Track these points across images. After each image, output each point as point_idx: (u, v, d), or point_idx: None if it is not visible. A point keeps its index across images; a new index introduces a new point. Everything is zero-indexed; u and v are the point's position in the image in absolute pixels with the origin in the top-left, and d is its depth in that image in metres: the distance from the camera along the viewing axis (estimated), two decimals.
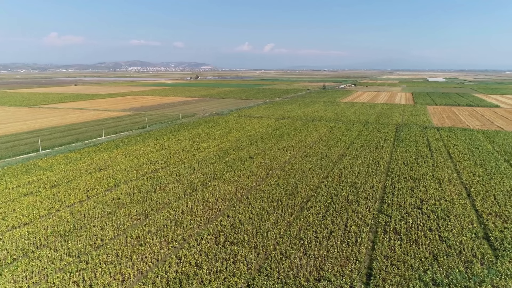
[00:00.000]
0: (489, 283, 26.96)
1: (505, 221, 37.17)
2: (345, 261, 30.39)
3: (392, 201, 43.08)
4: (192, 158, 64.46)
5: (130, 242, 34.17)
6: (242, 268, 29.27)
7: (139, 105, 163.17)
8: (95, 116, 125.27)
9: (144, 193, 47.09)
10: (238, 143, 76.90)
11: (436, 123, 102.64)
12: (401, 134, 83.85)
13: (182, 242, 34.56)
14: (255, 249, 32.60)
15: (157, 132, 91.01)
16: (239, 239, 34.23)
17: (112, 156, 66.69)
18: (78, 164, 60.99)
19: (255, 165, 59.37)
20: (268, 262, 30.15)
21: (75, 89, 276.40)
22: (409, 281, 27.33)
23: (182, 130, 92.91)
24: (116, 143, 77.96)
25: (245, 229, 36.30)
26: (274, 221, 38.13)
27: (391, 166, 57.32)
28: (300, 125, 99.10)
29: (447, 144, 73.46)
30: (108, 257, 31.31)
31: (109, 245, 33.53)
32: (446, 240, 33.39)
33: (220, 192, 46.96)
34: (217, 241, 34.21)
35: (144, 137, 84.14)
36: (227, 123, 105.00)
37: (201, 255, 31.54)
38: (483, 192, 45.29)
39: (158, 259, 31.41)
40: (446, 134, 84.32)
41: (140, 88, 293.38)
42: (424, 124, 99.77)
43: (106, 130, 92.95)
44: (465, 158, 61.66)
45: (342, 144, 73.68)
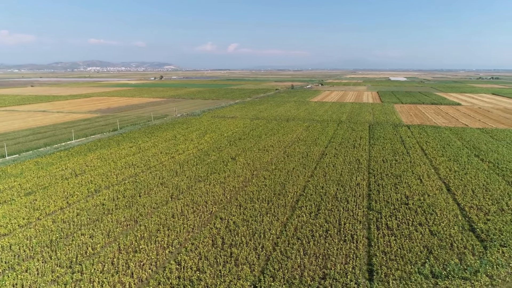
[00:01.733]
0: (483, 273, 28.38)
1: (486, 213, 39.26)
2: (345, 258, 30.93)
3: (379, 198, 44.30)
4: (173, 161, 63.17)
5: (123, 249, 32.97)
6: (246, 270, 29.03)
7: (106, 106, 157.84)
8: (60, 118, 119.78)
9: (128, 198, 45.59)
10: (217, 144, 76.23)
11: (406, 121, 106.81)
12: (375, 132, 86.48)
13: (179, 246, 33.78)
14: (255, 250, 32.44)
15: (130, 135, 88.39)
16: (237, 241, 33.92)
17: (87, 160, 64.03)
18: (52, 170, 58.06)
19: (238, 166, 59.07)
20: (270, 263, 30.08)
21: (33, 90, 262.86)
22: (410, 274, 28.24)
23: (156, 132, 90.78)
24: (89, 147, 74.95)
25: (241, 231, 36.02)
26: (269, 221, 38.12)
27: (372, 164, 58.96)
28: (275, 125, 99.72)
29: (420, 141, 76.61)
30: (104, 266, 30.03)
31: (101, 253, 32.17)
32: (436, 234, 34.79)
33: (208, 195, 46.33)
34: (214, 244, 33.72)
35: (118, 140, 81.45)
36: (202, 124, 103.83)
37: (201, 259, 30.98)
38: (462, 186, 47.63)
39: (157, 266, 30.52)
40: (417, 131, 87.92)
41: (103, 89, 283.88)
42: (395, 122, 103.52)
43: (75, 133, 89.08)
44: (438, 154, 64.55)
45: (321, 143, 74.91)
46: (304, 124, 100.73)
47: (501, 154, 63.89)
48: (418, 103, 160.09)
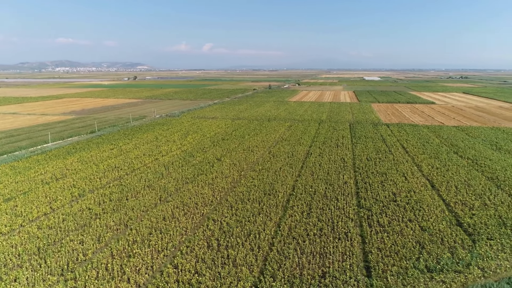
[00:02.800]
0: (475, 265, 29.44)
1: (471, 208, 40.71)
2: (342, 256, 31.31)
3: (367, 195, 45.11)
4: (157, 163, 62.09)
5: (117, 254, 32.11)
6: (245, 272, 28.89)
7: (80, 108, 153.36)
8: (33, 121, 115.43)
9: (115, 202, 44.46)
10: (200, 145, 75.54)
11: (384, 119, 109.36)
12: (356, 131, 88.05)
13: (174, 250, 33.24)
14: (252, 251, 32.33)
15: (110, 137, 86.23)
16: (232, 243, 33.71)
17: (66, 163, 61.99)
18: (30, 174, 55.87)
19: (225, 167, 58.73)
20: (269, 263, 30.07)
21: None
22: (406, 270, 28.92)
23: (137, 134, 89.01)
24: (67, 150, 72.60)
25: (235, 232, 35.82)
26: (262, 222, 38.08)
27: (356, 162, 59.97)
28: (257, 125, 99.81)
29: (400, 139, 78.62)
30: (98, 273, 29.15)
31: (94, 259, 31.20)
32: (427, 229, 35.77)
33: (198, 196, 45.82)
34: (210, 246, 33.37)
35: (97, 142, 79.32)
36: (183, 125, 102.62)
37: (198, 262, 30.61)
38: (445, 183, 49.19)
39: (154, 270, 29.91)
40: (396, 130, 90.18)
41: (75, 90, 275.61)
42: (374, 121, 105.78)
43: (51, 135, 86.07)
44: (419, 152, 66.43)
45: (304, 143, 75.56)
46: (286, 124, 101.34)
47: (478, 151, 66.44)
48: (395, 102, 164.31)
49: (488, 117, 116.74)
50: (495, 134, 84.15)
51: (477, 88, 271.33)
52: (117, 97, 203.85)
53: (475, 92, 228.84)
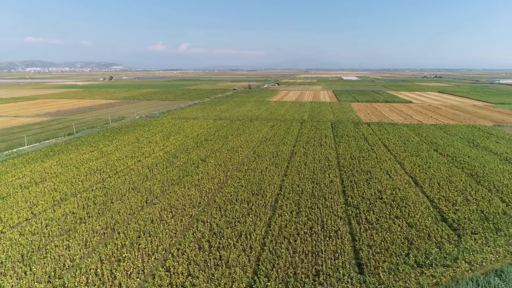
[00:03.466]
0: (462, 259, 30.32)
1: (454, 204, 41.91)
2: (334, 254, 31.62)
3: (354, 193, 45.74)
4: (140, 164, 61.03)
5: (106, 259, 31.34)
6: (239, 272, 28.76)
7: (55, 109, 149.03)
8: (6, 123, 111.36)
9: (100, 205, 43.41)
10: (184, 146, 74.75)
11: (365, 118, 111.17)
12: (338, 130, 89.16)
13: (164, 253, 32.73)
14: (244, 252, 32.22)
15: (89, 138, 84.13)
16: (224, 244, 33.49)
17: (45, 167, 60.08)
18: (7, 178, 53.87)
19: (210, 167, 58.30)
20: (262, 264, 30.04)
21: None
22: (397, 265, 29.50)
23: (117, 135, 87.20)
24: (45, 152, 70.37)
25: (226, 233, 35.60)
26: (252, 222, 38.00)
27: (341, 161, 60.72)
28: (240, 125, 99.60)
29: (382, 138, 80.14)
30: (88, 278, 28.40)
31: (82, 265, 30.34)
32: (414, 226, 36.59)
33: (185, 198, 45.29)
34: (201, 248, 33.05)
35: (76, 144, 77.25)
36: (164, 125, 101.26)
37: (191, 264, 30.25)
38: (428, 180, 50.45)
39: (145, 274, 29.36)
40: (377, 128, 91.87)
41: (48, 90, 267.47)
42: (355, 120, 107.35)
43: (27, 138, 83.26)
44: (401, 150, 67.90)
45: (288, 142, 75.93)
46: (268, 124, 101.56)
47: (456, 148, 68.51)
48: (373, 102, 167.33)
49: (463, 115, 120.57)
50: (471, 131, 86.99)
51: (451, 87, 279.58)
52: (94, 98, 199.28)
53: (449, 91, 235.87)
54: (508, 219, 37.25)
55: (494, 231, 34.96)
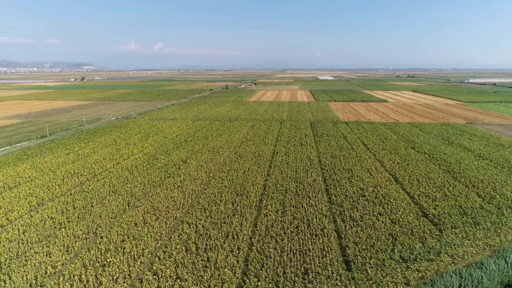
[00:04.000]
0: (445, 253, 31.25)
1: (434, 200, 43.12)
2: (321, 252, 31.91)
3: (337, 192, 46.31)
4: (119, 167, 59.66)
5: (89, 264, 30.45)
6: (228, 273, 28.57)
7: (26, 111, 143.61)
8: None
9: (80, 209, 42.14)
10: (163, 147, 73.63)
11: (343, 118, 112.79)
12: (318, 130, 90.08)
13: (150, 256, 32.11)
14: (232, 253, 32.04)
15: (64, 141, 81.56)
16: (211, 245, 33.20)
17: (18, 171, 57.81)
18: None
19: (192, 169, 57.67)
20: (251, 264, 29.95)
21: None
22: (383, 261, 30.07)
23: (93, 137, 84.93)
24: (18, 156, 67.70)
25: (212, 234, 35.30)
26: (238, 222, 37.85)
27: (322, 160, 61.35)
28: (219, 126, 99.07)
29: (360, 136, 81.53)
30: (72, 285, 27.51)
31: (65, 271, 29.38)
32: (397, 222, 37.40)
33: (168, 200, 44.61)
34: (188, 250, 32.62)
35: (50, 147, 74.72)
36: (141, 127, 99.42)
37: (179, 267, 29.80)
38: (407, 177, 51.69)
39: (132, 278, 28.71)
40: (355, 127, 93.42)
41: (17, 92, 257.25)
42: (333, 119, 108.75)
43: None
44: (380, 148, 69.31)
45: (269, 142, 76.10)
46: (248, 124, 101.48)
47: (432, 146, 70.57)
48: (350, 101, 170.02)
49: (437, 113, 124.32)
50: (445, 129, 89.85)
51: (424, 87, 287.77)
52: (66, 99, 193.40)
53: (422, 90, 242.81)
54: (485, 213, 38.65)
55: (473, 225, 36.21)
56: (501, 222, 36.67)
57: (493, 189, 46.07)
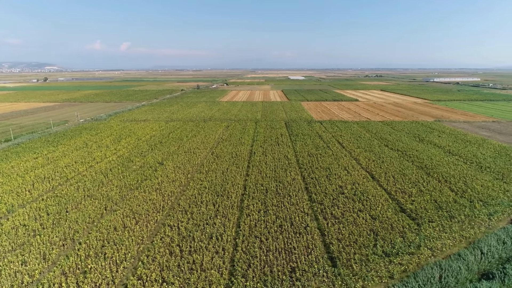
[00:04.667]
0: (424, 246, 32.34)
1: (410, 195, 44.53)
2: (306, 249, 32.21)
3: (316, 190, 46.90)
4: (93, 170, 57.78)
5: (69, 272, 29.30)
6: (215, 275, 28.30)
7: None
8: None
9: (54, 215, 40.48)
10: (137, 149, 71.98)
11: (316, 117, 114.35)
12: (293, 129, 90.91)
13: (133, 261, 31.29)
14: (217, 254, 31.76)
15: (31, 145, 78.01)
16: (195, 247, 32.77)
17: None
18: None
19: (169, 170, 56.71)
20: (237, 264, 29.81)
21: None
22: (367, 256, 30.75)
23: (62, 140, 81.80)
24: None
25: (196, 236, 34.85)
26: (221, 223, 37.57)
27: (300, 159, 61.96)
28: (194, 126, 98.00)
29: (335, 135, 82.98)
30: None
31: (43, 280, 28.11)
32: (376, 218, 38.34)
33: (147, 203, 43.63)
34: (172, 253, 32.04)
35: (16, 152, 71.28)
36: (113, 128, 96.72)
37: (164, 270, 29.22)
38: (383, 174, 53.11)
39: (116, 284, 27.86)
40: (329, 126, 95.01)
41: None
42: (307, 118, 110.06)
43: None
44: (355, 146, 70.83)
45: (246, 142, 76.03)
46: (223, 124, 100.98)
47: (405, 143, 72.92)
48: (322, 100, 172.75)
49: (406, 112, 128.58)
50: (415, 127, 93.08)
51: (392, 86, 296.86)
52: (29, 101, 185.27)
53: (390, 90, 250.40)
54: (459, 207, 40.34)
55: (449, 219, 37.69)
56: (474, 215, 38.40)
57: (464, 183, 48.20)
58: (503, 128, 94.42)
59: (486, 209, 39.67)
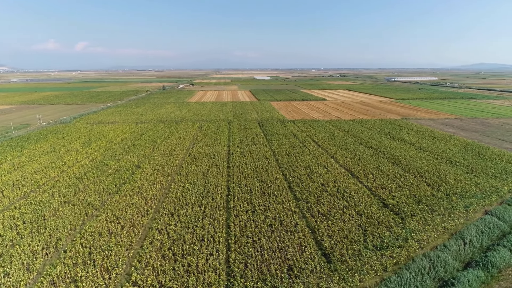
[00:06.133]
0: (411, 239, 33.73)
1: (390, 191, 46.22)
2: (300, 247, 32.63)
3: (300, 188, 47.55)
4: (66, 175, 55.34)
5: (59, 281, 28.01)
6: (214, 277, 28.06)
7: None
8: None
9: (32, 223, 38.49)
10: (110, 152, 69.68)
11: (288, 117, 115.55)
12: (267, 129, 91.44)
13: (125, 266, 30.36)
14: (211, 255, 31.48)
15: None
16: (188, 250, 32.30)
17: None
18: None
19: (147, 173, 55.39)
20: (233, 265, 29.70)
21: None
22: (360, 251, 31.63)
23: (26, 145, 77.58)
24: None
25: (187, 239, 34.34)
26: (210, 225, 37.26)
27: (279, 159, 62.50)
28: (166, 128, 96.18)
29: (310, 134, 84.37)
30: None
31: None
32: (362, 214, 39.48)
33: (130, 207, 42.41)
34: (165, 256, 31.41)
35: None
36: (80, 131, 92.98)
37: (159, 275, 28.59)
38: (361, 171, 54.69)
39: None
40: (302, 126, 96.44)
41: None
42: (280, 118, 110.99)
43: None
44: (330, 145, 72.40)
45: (222, 143, 75.63)
46: (196, 125, 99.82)
47: (377, 141, 75.47)
48: (291, 100, 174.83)
49: (374, 110, 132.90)
50: (385, 125, 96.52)
51: (356, 85, 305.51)
52: None
53: (356, 89, 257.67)
54: (437, 200, 42.39)
55: (429, 212, 39.50)
56: (452, 207, 40.49)
57: (439, 178, 50.67)
58: (465, 124, 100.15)
59: (462, 202, 41.95)
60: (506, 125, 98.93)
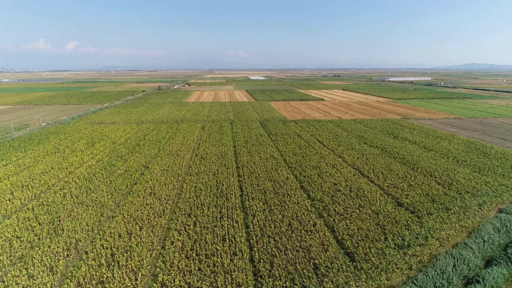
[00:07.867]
0: (431, 237, 34.13)
1: (402, 190, 46.66)
2: (322, 246, 32.88)
3: (313, 188, 47.78)
4: (74, 176, 54.98)
5: (85, 282, 27.96)
6: (241, 276, 28.18)
7: None
8: None
9: (48, 225, 38.22)
10: (115, 153, 69.32)
11: (289, 117, 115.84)
12: (270, 129, 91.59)
13: (150, 267, 30.33)
14: (235, 255, 31.57)
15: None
16: (211, 250, 32.36)
17: None
18: None
19: (157, 174, 55.22)
20: (259, 264, 29.80)
21: None
22: (383, 250, 31.93)
23: (29, 145, 76.86)
24: None
25: (208, 239, 34.36)
26: (230, 225, 37.34)
27: (287, 158, 62.69)
28: (168, 128, 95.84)
29: (314, 134, 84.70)
30: None
31: None
32: (378, 213, 39.82)
33: (145, 208, 42.30)
34: (189, 257, 31.43)
35: None
36: (82, 132, 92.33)
37: (186, 275, 28.61)
38: (371, 170, 55.08)
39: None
40: (305, 125, 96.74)
41: None
42: (281, 118, 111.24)
43: None
44: (335, 145, 72.79)
45: (227, 143, 75.63)
46: (198, 125, 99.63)
47: (382, 140, 76.05)
48: (289, 100, 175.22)
49: (373, 110, 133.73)
50: (387, 124, 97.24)
51: (352, 85, 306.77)
52: None
53: (352, 89, 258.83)
54: (451, 199, 42.90)
55: (445, 211, 39.98)
56: (466, 206, 41.03)
57: (448, 177, 51.27)
58: (465, 124, 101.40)
59: (475, 200, 42.54)
60: (505, 125, 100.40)
